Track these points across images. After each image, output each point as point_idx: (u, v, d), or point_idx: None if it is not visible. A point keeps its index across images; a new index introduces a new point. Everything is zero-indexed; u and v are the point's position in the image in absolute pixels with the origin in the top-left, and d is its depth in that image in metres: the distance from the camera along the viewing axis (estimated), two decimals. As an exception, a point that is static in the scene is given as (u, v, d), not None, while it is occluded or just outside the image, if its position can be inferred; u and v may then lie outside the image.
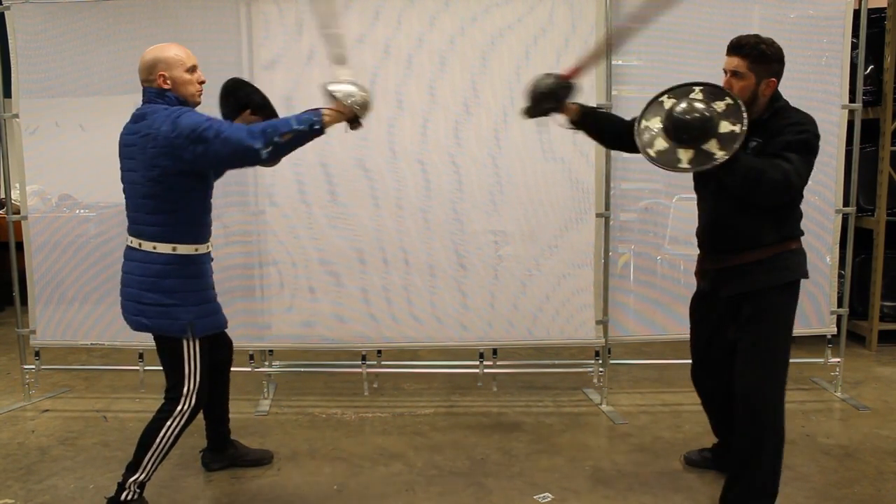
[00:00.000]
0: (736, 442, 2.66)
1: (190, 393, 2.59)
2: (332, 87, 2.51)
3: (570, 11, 3.60)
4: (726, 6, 3.64)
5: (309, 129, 2.43)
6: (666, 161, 2.33)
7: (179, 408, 2.58)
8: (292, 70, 3.61)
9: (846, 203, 3.84)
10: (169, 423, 2.57)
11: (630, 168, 3.83)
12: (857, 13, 3.76)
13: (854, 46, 3.87)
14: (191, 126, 2.39)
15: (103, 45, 3.68)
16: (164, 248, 2.53)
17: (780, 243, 2.52)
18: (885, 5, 4.62)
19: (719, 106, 2.32)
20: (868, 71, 4.62)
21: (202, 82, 2.62)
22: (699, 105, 2.30)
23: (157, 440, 2.57)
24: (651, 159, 2.37)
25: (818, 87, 3.65)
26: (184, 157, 2.42)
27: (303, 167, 3.65)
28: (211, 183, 2.65)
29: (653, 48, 3.69)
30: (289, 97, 3.52)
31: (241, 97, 2.82)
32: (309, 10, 3.56)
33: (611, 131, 2.79)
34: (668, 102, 2.40)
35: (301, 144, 2.46)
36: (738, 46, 2.44)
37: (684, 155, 2.28)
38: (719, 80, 2.49)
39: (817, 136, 2.42)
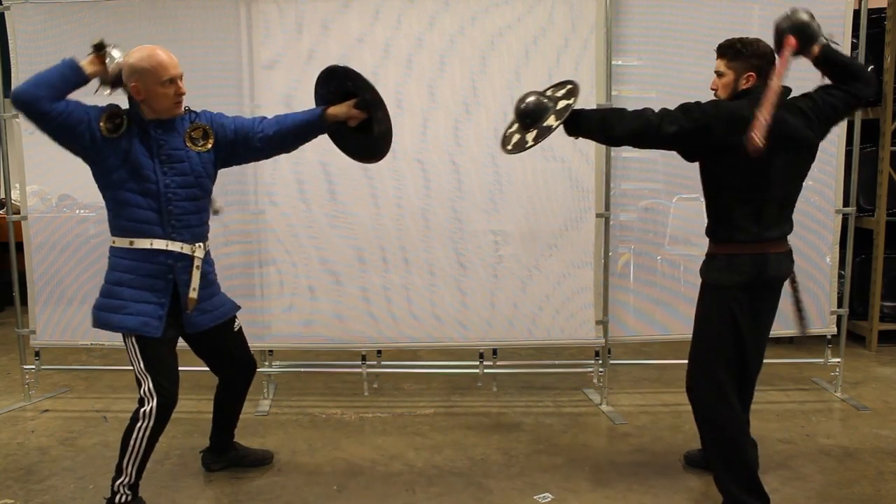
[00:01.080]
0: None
1: (148, 393, 2.54)
2: None
3: (569, 11, 3.60)
4: (726, 7, 3.64)
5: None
6: (518, 147, 2.65)
7: (143, 409, 2.54)
8: (292, 70, 3.61)
9: (846, 203, 3.85)
10: (138, 424, 2.54)
11: (630, 168, 3.83)
12: (857, 13, 3.76)
13: (854, 46, 3.87)
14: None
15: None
16: (113, 240, 2.61)
17: (717, 243, 2.63)
18: (885, 5, 4.62)
19: (560, 93, 2.68)
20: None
21: (180, 94, 2.54)
22: (536, 96, 2.66)
23: (131, 443, 2.54)
24: (508, 152, 2.71)
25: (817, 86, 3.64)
26: (82, 155, 2.53)
27: (303, 167, 3.65)
28: (112, 171, 2.53)
29: (653, 48, 3.70)
30: (289, 97, 3.52)
31: (349, 87, 2.70)
32: (309, 10, 3.58)
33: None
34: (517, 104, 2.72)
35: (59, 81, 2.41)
36: (719, 48, 2.61)
37: (530, 136, 2.61)
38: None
39: (708, 112, 2.48)
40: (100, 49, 2.47)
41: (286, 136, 2.73)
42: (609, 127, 2.59)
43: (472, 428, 3.54)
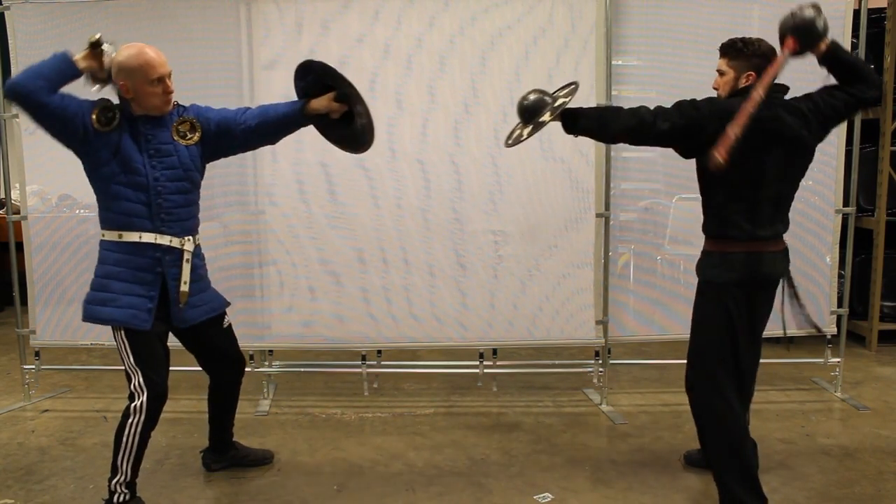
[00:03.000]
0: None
1: (138, 387, 2.54)
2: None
3: (569, 12, 3.60)
4: (726, 6, 3.64)
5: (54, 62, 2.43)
6: (515, 140, 2.72)
7: (134, 404, 2.54)
8: (292, 70, 3.56)
9: (846, 203, 3.85)
10: (130, 420, 2.54)
11: (630, 168, 3.84)
12: (857, 13, 3.76)
13: (854, 46, 3.87)
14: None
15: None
16: (103, 234, 2.61)
17: (709, 240, 2.65)
18: (885, 5, 4.62)
19: (562, 92, 2.73)
20: (868, 71, 4.61)
21: (169, 93, 2.55)
22: (536, 94, 2.71)
23: (124, 440, 2.55)
24: (508, 145, 2.76)
25: (818, 87, 3.64)
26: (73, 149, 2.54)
27: (303, 167, 3.65)
28: (103, 165, 2.53)
29: (653, 48, 3.70)
30: (288, 97, 3.51)
31: (327, 81, 2.71)
32: (309, 10, 3.58)
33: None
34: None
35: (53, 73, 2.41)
36: (720, 47, 2.62)
37: (526, 130, 2.67)
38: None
39: (699, 107, 2.51)
40: (96, 46, 2.47)
41: (268, 127, 2.74)
42: (605, 124, 2.64)
43: (472, 428, 3.54)
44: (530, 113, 2.66)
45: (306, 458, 3.22)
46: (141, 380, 2.55)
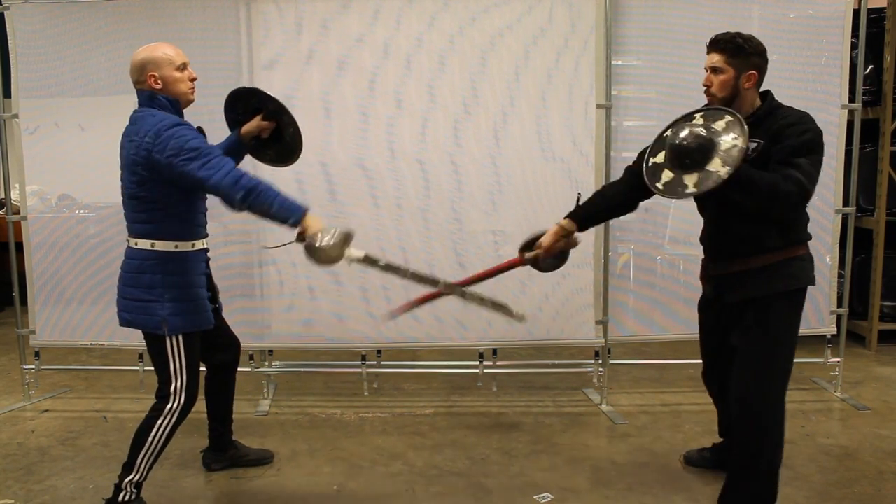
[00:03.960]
0: (734, 447, 2.63)
1: (178, 391, 2.58)
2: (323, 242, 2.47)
3: (569, 11, 3.60)
4: (726, 6, 3.64)
5: (282, 220, 2.46)
6: (672, 191, 2.36)
7: (169, 406, 2.57)
8: (292, 70, 3.61)
9: (846, 203, 3.85)
10: (160, 421, 2.57)
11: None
12: (856, 13, 3.76)
13: (854, 46, 3.87)
14: (176, 149, 2.40)
15: (103, 45, 3.67)
16: (143, 244, 2.55)
17: (784, 249, 2.47)
18: (884, 5, 4.62)
19: (719, 125, 2.34)
20: (868, 71, 4.62)
21: (193, 79, 2.61)
22: (697, 129, 2.34)
23: (149, 439, 2.56)
24: (659, 192, 2.42)
25: (818, 87, 3.66)
26: (161, 173, 2.44)
27: (303, 167, 3.64)
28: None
29: (653, 48, 3.70)
30: (288, 97, 3.51)
31: (254, 103, 2.87)
32: (309, 10, 3.58)
33: (616, 204, 2.83)
34: (670, 134, 2.44)
35: (267, 218, 2.48)
36: (715, 42, 2.46)
37: (689, 180, 2.31)
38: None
39: (820, 133, 2.39)
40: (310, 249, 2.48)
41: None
42: (759, 201, 2.34)
43: (472, 428, 3.54)
44: (692, 157, 2.30)
45: (306, 458, 3.22)
46: (184, 385, 2.59)
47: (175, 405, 2.58)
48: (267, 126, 2.87)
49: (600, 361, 3.84)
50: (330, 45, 3.58)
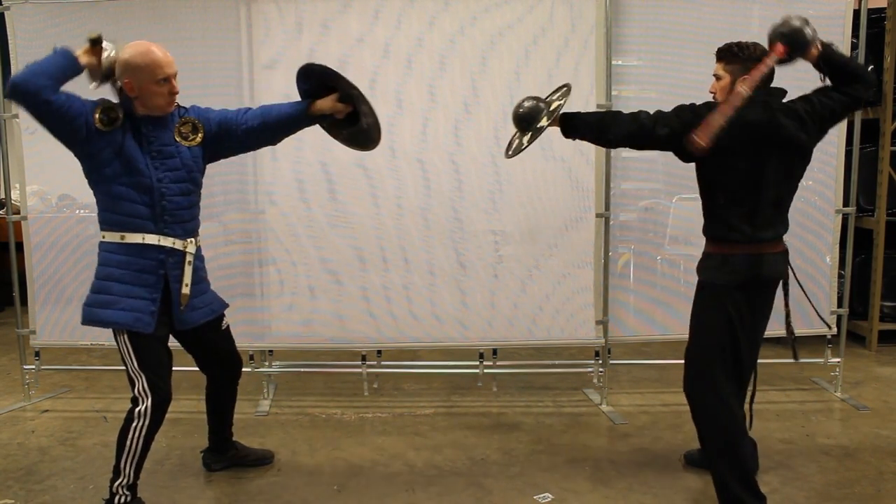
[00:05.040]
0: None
1: (142, 392, 2.53)
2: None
3: (569, 11, 3.60)
4: (726, 6, 3.64)
5: (58, 65, 2.37)
6: (516, 150, 2.75)
7: (138, 409, 2.53)
8: (292, 70, 3.54)
9: (846, 203, 3.85)
10: (133, 424, 2.53)
11: (630, 168, 3.83)
12: (857, 13, 3.76)
13: (854, 46, 3.87)
14: None
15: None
16: (103, 235, 2.59)
17: (710, 243, 2.67)
18: (885, 5, 4.62)
19: (555, 95, 2.77)
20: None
21: (174, 93, 2.55)
22: (530, 101, 2.73)
23: (128, 444, 2.53)
24: (509, 157, 2.81)
25: (818, 87, 3.64)
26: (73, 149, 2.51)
27: (303, 167, 3.65)
28: (105, 165, 2.50)
29: (653, 48, 3.70)
30: (289, 97, 3.50)
31: (329, 83, 2.73)
32: (309, 11, 3.58)
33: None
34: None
35: (54, 73, 2.36)
36: (717, 52, 2.63)
37: (525, 138, 2.71)
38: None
39: (693, 107, 2.56)
40: (96, 43, 2.45)
41: (271, 128, 2.74)
42: (604, 129, 2.68)
43: (472, 428, 3.54)
44: (527, 121, 2.70)
45: (306, 458, 3.22)
46: (145, 384, 2.53)
47: (143, 407, 2.52)
48: (342, 109, 2.71)
49: (600, 361, 3.84)
50: (330, 45, 3.58)
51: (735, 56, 2.55)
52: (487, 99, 3.64)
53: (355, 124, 2.76)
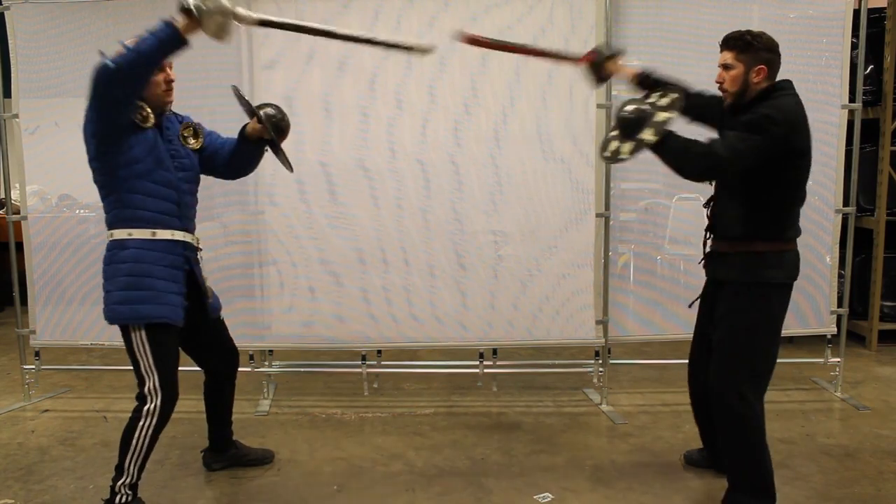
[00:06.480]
0: (720, 444, 2.72)
1: (153, 390, 2.53)
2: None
3: (569, 11, 3.60)
4: (726, 6, 3.64)
5: (164, 40, 2.41)
6: (612, 157, 2.57)
7: (146, 407, 2.53)
8: (292, 70, 3.61)
9: (846, 203, 3.85)
10: (141, 423, 2.53)
11: (630, 168, 3.82)
12: (857, 13, 3.76)
13: (854, 46, 3.87)
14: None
15: (103, 45, 3.65)
16: (110, 233, 2.59)
17: (746, 241, 2.54)
18: (885, 5, 4.62)
19: (663, 101, 2.56)
20: (868, 71, 4.62)
21: (170, 81, 2.58)
22: (636, 105, 2.55)
23: (133, 442, 2.53)
24: (605, 159, 2.70)
25: (818, 87, 3.66)
26: (92, 149, 2.50)
27: (303, 167, 3.65)
28: (137, 161, 2.51)
29: (653, 48, 3.70)
30: (289, 97, 3.52)
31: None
32: (309, 11, 3.58)
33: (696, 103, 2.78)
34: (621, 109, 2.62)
35: (155, 55, 2.39)
36: (726, 40, 2.56)
37: (626, 147, 2.51)
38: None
39: (771, 119, 2.38)
40: (189, 12, 2.39)
41: (233, 158, 2.84)
42: (682, 165, 2.46)
43: (472, 428, 3.54)
44: (630, 127, 2.49)
45: (306, 458, 3.22)
46: (157, 382, 2.54)
47: (152, 406, 2.53)
48: (260, 128, 2.78)
49: (600, 361, 3.84)
50: (330, 45, 3.57)
51: (749, 45, 2.49)
52: (487, 99, 3.64)
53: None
